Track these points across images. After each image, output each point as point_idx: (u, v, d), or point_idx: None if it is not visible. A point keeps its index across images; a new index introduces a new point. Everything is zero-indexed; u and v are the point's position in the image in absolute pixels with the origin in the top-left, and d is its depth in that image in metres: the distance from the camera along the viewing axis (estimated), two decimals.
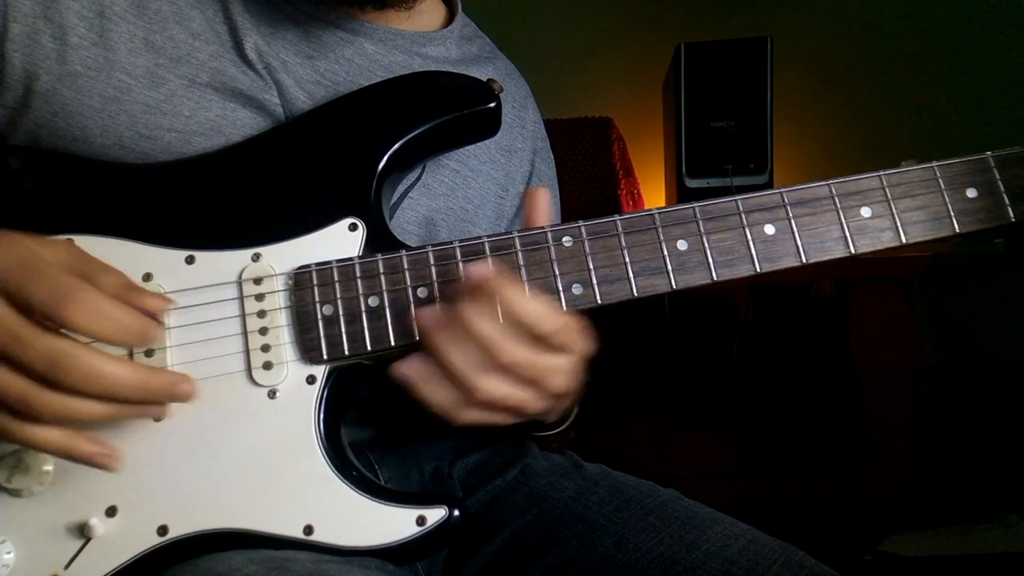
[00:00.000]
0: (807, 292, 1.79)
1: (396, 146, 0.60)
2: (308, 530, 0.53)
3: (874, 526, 1.50)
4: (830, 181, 0.58)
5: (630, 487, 0.70)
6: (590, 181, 1.90)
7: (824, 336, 1.69)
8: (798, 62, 1.97)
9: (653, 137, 2.04)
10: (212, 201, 0.59)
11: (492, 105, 0.62)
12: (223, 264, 0.56)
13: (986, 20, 2.01)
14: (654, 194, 2.03)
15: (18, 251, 0.46)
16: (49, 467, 0.52)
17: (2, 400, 0.45)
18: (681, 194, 1.68)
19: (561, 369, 0.53)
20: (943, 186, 0.58)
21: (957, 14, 2.02)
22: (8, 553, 0.51)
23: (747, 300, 1.78)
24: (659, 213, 0.57)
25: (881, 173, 0.58)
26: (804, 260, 0.57)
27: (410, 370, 0.52)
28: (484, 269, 0.53)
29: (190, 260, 0.56)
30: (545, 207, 0.57)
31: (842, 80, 2.06)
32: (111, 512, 0.52)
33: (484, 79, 0.63)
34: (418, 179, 0.70)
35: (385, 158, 0.59)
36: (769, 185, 1.65)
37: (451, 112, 0.61)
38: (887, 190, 0.58)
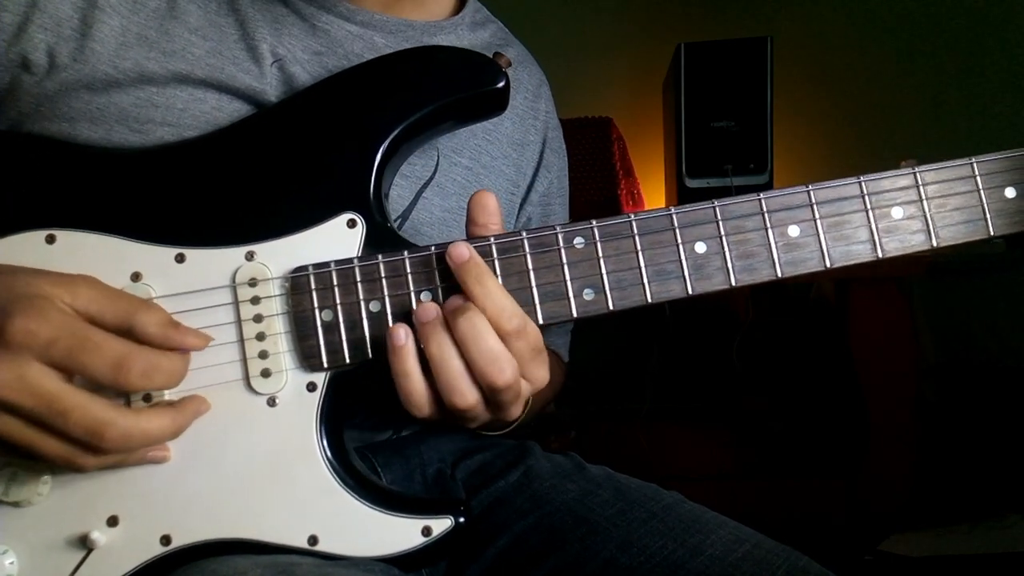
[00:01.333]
0: (807, 292, 1.79)
1: (395, 133, 0.56)
2: (312, 540, 0.52)
3: (874, 526, 1.49)
4: (860, 178, 0.54)
5: (633, 490, 0.69)
6: (590, 181, 1.89)
7: (824, 336, 1.69)
8: (798, 62, 1.97)
9: (653, 137, 2.04)
10: (201, 194, 0.55)
11: (500, 85, 0.57)
12: (215, 263, 0.54)
13: (987, 19, 2.00)
14: (654, 194, 2.03)
15: (53, 315, 0.45)
16: (47, 477, 0.51)
17: (49, 459, 0.47)
18: (681, 194, 1.67)
19: (518, 397, 0.53)
20: (981, 184, 0.54)
21: (957, 13, 2.02)
22: (11, 563, 0.50)
23: (747, 300, 1.78)
24: (677, 213, 0.53)
25: (916, 169, 0.54)
26: (829, 265, 0.53)
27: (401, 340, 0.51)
28: (464, 252, 0.51)
29: (180, 258, 0.54)
30: (494, 211, 0.54)
31: (842, 80, 2.06)
32: (112, 522, 0.51)
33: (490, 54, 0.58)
34: (431, 179, 0.68)
35: (384, 146, 0.55)
36: (769, 185, 1.65)
37: (455, 93, 0.56)
38: (921, 189, 0.54)
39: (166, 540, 0.51)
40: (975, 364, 1.74)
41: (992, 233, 0.54)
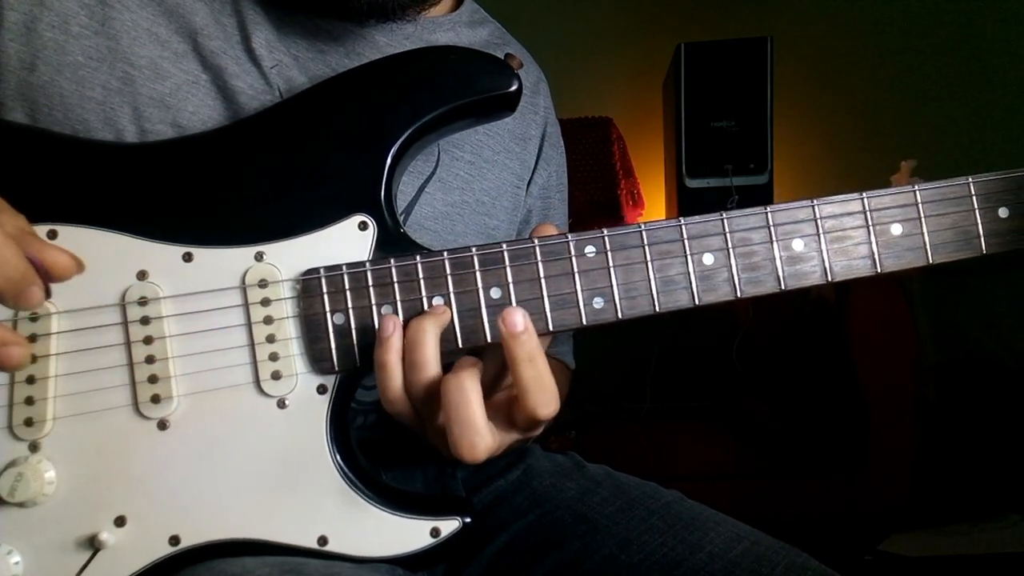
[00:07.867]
0: (807, 292, 1.79)
1: (407, 134, 0.55)
2: (322, 540, 0.52)
3: (874, 526, 1.50)
4: (863, 194, 0.55)
5: (633, 488, 0.70)
6: (590, 181, 1.90)
7: (824, 336, 1.70)
8: (798, 62, 1.98)
9: (653, 137, 2.05)
10: (210, 192, 0.54)
11: (513, 88, 0.56)
12: (223, 263, 0.52)
13: (987, 19, 2.01)
14: (654, 194, 2.03)
15: None
16: (52, 474, 0.51)
17: None
18: (681, 194, 1.68)
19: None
20: (976, 204, 0.55)
21: (958, 13, 2.02)
22: (16, 563, 0.50)
23: (747, 300, 1.78)
24: (686, 224, 0.54)
25: (916, 188, 0.55)
26: (830, 279, 0.54)
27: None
28: (518, 321, 0.50)
29: (188, 257, 0.52)
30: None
31: (842, 80, 2.07)
32: (120, 522, 0.51)
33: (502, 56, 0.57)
34: (433, 173, 0.68)
35: (395, 147, 0.55)
36: (769, 185, 1.65)
37: (468, 95, 0.56)
38: (920, 207, 0.55)
39: (175, 540, 0.51)
40: (975, 364, 1.74)
41: (985, 252, 0.55)
